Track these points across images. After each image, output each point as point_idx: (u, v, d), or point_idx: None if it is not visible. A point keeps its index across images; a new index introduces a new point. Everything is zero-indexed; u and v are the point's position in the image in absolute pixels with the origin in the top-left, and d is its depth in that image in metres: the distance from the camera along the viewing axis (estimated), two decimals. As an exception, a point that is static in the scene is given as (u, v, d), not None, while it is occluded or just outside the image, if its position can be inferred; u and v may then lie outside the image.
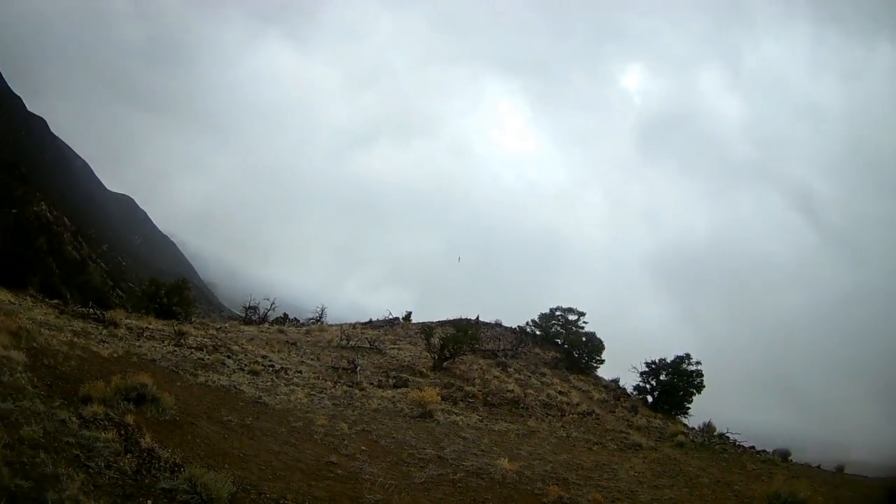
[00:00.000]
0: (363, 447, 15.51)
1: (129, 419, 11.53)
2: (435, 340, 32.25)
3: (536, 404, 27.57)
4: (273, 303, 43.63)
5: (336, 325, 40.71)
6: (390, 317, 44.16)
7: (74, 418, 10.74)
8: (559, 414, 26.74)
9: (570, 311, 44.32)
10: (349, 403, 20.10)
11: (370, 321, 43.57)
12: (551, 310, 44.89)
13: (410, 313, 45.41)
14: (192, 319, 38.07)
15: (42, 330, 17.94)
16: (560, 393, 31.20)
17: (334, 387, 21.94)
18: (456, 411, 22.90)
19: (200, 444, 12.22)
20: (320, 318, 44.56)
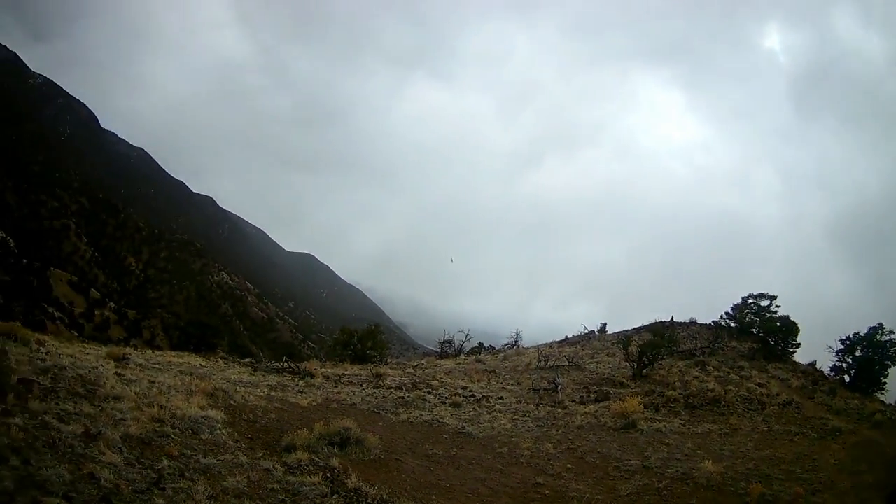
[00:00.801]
0: (569, 465, 15.44)
1: (335, 462, 12.04)
2: (633, 349, 31.75)
3: (737, 400, 26.52)
4: (467, 334, 43.98)
5: (532, 348, 40.76)
6: (585, 331, 43.80)
7: (279, 466, 11.33)
8: (759, 408, 25.67)
9: (762, 296, 42.40)
10: (553, 423, 20.01)
11: (566, 338, 43.39)
12: (743, 299, 43.05)
13: (605, 325, 45.06)
14: (388, 361, 39.16)
15: (238, 388, 18.96)
16: (759, 385, 29.84)
17: (537, 409, 21.92)
18: (658, 418, 22.38)
19: (406, 479, 12.52)
20: (516, 342, 44.66)
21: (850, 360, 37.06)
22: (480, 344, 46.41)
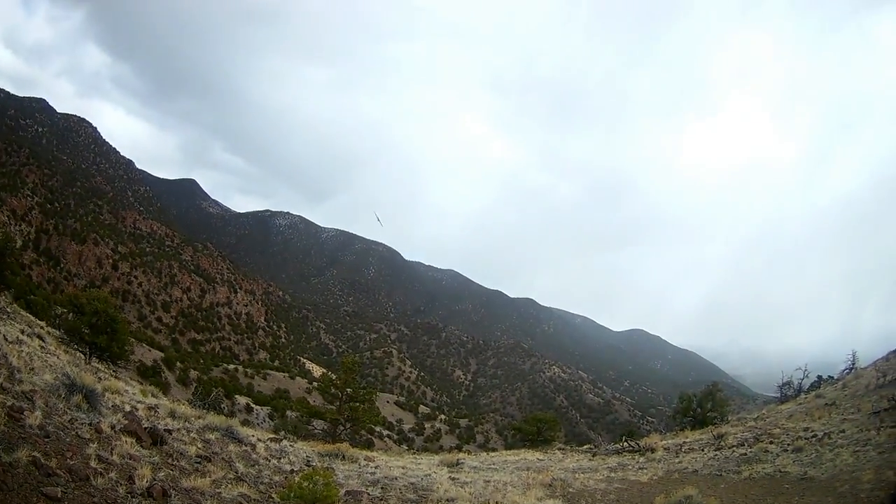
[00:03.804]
0: (907, 498, 14.77)
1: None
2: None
3: None
4: (805, 370, 42.50)
5: (870, 366, 38.43)
6: (921, 331, 40.80)
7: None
8: None
9: None
10: (894, 446, 19.21)
11: None
12: None
13: (937, 316, 41.63)
14: (728, 419, 38.95)
15: (576, 475, 20.24)
16: None
17: (878, 433, 20.94)
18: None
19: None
20: (853, 365, 42.49)
21: None
22: (819, 377, 44.65)
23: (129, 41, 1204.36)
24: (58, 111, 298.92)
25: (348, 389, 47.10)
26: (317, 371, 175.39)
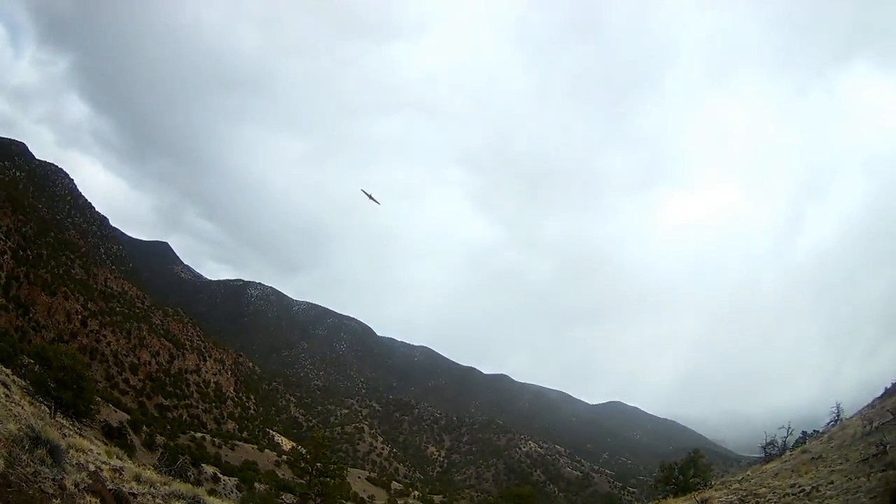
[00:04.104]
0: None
1: None
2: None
3: None
4: (789, 428, 42.36)
5: (855, 415, 38.48)
6: (904, 375, 40.77)
7: None
8: None
9: None
10: (885, 489, 19.04)
11: (885, 390, 40.75)
12: None
13: (921, 359, 41.79)
14: (712, 483, 38.73)
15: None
16: None
17: (868, 480, 20.89)
18: None
19: None
20: (838, 416, 42.47)
21: None
22: (804, 433, 44.56)
23: (111, 96, 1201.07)
24: (36, 158, 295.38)
25: (318, 464, 46.69)
26: (286, 444, 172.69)
